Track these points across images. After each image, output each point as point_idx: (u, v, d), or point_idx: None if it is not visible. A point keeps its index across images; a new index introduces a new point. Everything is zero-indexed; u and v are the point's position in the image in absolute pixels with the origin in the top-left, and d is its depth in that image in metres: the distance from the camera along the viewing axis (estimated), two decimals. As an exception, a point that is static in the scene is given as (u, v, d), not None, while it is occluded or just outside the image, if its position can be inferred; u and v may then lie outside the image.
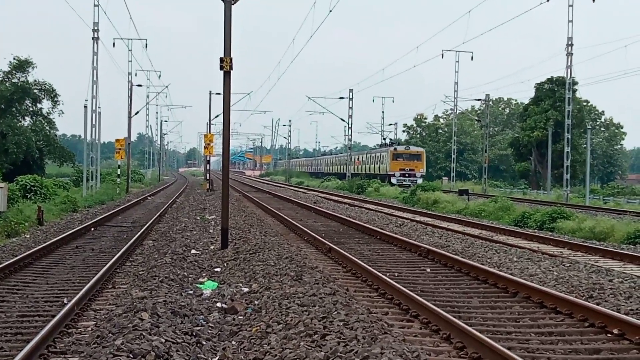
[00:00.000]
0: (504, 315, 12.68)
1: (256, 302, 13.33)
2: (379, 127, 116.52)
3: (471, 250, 21.92)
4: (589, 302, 13.15)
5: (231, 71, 22.70)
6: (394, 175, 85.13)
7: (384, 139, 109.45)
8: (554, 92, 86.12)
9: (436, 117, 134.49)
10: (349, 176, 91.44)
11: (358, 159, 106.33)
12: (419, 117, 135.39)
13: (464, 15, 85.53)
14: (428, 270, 17.95)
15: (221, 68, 22.58)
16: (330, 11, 37.21)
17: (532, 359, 9.87)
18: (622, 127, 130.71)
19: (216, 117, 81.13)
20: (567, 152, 57.62)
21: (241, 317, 12.51)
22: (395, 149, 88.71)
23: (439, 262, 19.10)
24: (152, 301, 12.29)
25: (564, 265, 19.44)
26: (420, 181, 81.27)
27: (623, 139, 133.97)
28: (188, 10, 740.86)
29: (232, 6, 22.73)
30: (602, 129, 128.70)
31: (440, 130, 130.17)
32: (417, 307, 12.43)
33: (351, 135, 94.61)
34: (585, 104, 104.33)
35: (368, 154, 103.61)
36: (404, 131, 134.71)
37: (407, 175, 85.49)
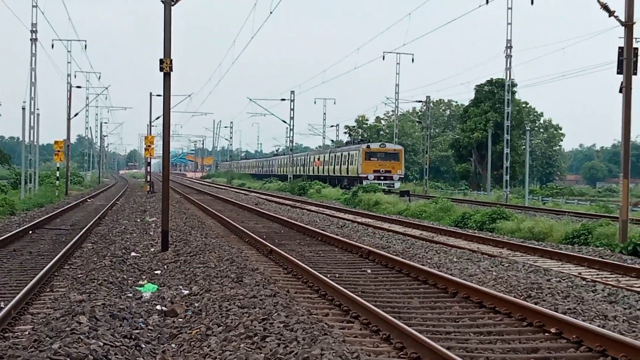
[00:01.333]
0: (443, 315, 12.76)
1: (196, 305, 13.27)
2: (320, 128, 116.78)
3: (412, 251, 22.02)
4: (527, 301, 13.26)
5: (171, 72, 22.58)
6: (366, 178, 73.34)
7: (357, 137, 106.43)
8: (494, 94, 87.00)
9: (377, 119, 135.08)
10: (290, 178, 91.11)
11: (318, 159, 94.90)
12: (360, 118, 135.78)
13: (404, 17, 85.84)
14: (369, 271, 18.01)
15: (161, 69, 22.45)
16: (271, 12, 37.16)
17: (471, 358, 9.94)
18: (560, 129, 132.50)
19: (157, 118, 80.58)
20: (507, 153, 58.34)
21: (181, 319, 12.43)
22: (368, 146, 76.91)
23: (379, 263, 19.16)
24: (90, 304, 12.16)
25: (503, 265, 19.64)
26: (398, 185, 74.73)
27: (562, 140, 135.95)
28: (128, 11, 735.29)
29: (172, 7, 22.61)
30: (541, 130, 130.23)
31: (381, 132, 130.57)
32: (357, 308, 12.45)
33: (293, 137, 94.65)
34: (524, 105, 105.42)
35: (332, 152, 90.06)
36: (345, 132, 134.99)
37: (382, 177, 74.02)
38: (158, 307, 13.52)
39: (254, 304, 12.31)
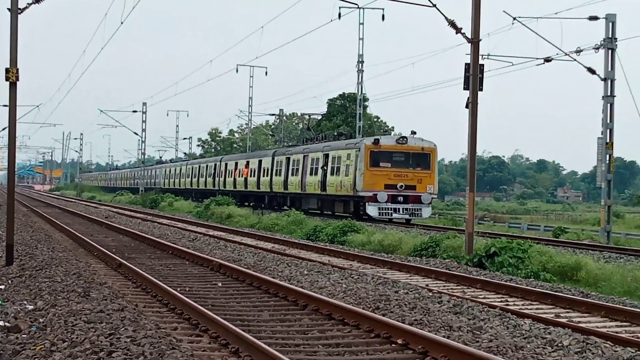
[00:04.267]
0: (293, 328, 12.80)
1: (41, 320, 12.93)
2: (173, 141, 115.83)
3: (263, 264, 22.04)
4: (375, 313, 13.45)
5: (18, 82, 22.04)
6: (373, 199, 43.16)
7: (278, 137, 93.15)
8: (346, 108, 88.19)
9: (231, 132, 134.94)
10: (142, 190, 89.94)
11: (246, 165, 64.31)
12: (213, 131, 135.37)
13: (258, 30, 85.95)
14: (219, 284, 17.94)
15: (7, 79, 21.90)
16: (122, 23, 36.63)
17: (319, 370, 10.01)
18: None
19: (3, 130, 78.58)
20: (359, 167, 58.88)
21: (25, 335, 12.09)
22: (375, 141, 44.52)
23: (230, 276, 19.10)
24: None
25: (352, 277, 19.82)
26: (428, 212, 45.02)
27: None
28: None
29: (19, 15, 22.07)
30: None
31: (235, 145, 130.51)
32: (206, 322, 12.37)
33: (145, 149, 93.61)
34: (375, 119, 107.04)
35: (283, 155, 56.44)
36: (198, 145, 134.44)
37: (402, 199, 43.54)
38: (1, 322, 13.12)
39: (100, 319, 12.11)
